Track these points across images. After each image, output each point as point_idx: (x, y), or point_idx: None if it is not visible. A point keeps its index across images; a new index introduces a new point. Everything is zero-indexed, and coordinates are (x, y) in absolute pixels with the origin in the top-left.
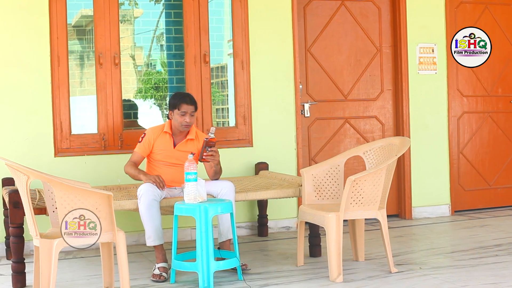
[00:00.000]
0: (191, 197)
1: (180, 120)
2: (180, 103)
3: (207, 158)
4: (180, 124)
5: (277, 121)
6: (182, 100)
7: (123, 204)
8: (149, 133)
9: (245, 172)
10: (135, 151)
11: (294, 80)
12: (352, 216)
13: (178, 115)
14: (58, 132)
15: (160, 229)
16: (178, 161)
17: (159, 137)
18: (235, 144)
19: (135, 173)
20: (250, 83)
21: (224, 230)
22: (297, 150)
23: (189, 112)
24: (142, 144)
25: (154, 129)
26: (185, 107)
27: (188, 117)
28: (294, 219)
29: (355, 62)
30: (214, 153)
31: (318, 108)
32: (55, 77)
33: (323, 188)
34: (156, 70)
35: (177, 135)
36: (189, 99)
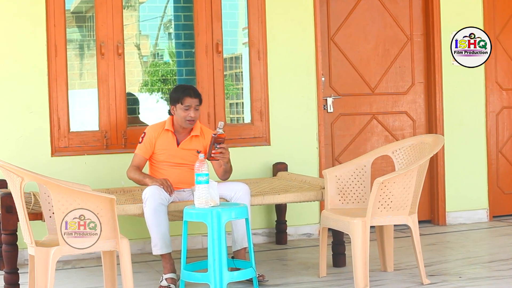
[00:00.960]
0: (202, 201)
1: (184, 115)
2: (183, 97)
3: (216, 156)
4: (183, 120)
5: (297, 117)
6: (185, 93)
7: (127, 208)
8: (150, 132)
9: (262, 174)
10: (136, 154)
11: (315, 72)
12: (380, 222)
13: (181, 110)
14: (56, 129)
15: (167, 236)
16: (183, 160)
17: (161, 135)
18: (251, 143)
19: (139, 178)
20: (267, 75)
21: (239, 237)
22: (319, 149)
23: (193, 106)
24: (143, 144)
25: (155, 127)
26: (189, 100)
27: (192, 112)
28: (315, 225)
29: (383, 52)
30: (224, 150)
31: (342, 103)
32: (52, 68)
33: (348, 191)
34: (163, 61)
35: (180, 132)
36: (193, 92)
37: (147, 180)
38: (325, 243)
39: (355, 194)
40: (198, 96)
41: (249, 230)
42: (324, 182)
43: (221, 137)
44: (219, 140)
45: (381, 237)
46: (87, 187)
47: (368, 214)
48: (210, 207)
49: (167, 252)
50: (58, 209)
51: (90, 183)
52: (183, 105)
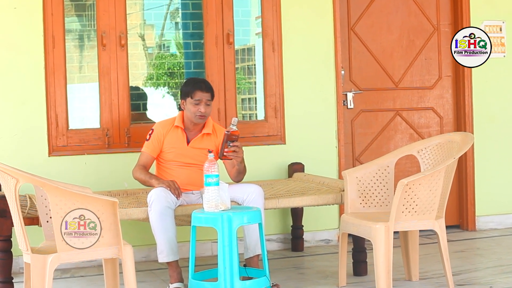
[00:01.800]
0: (212, 204)
1: (194, 110)
2: (193, 90)
3: (229, 155)
4: (194, 115)
5: (314, 113)
6: (196, 86)
7: (130, 212)
8: (158, 128)
9: (277, 175)
10: (143, 152)
11: (334, 64)
12: (404, 227)
13: (191, 105)
14: (53, 127)
15: (174, 243)
16: (193, 160)
17: (170, 132)
18: (265, 141)
19: (145, 179)
20: (282, 68)
21: (252, 243)
22: (339, 148)
23: (204, 101)
24: (151, 142)
25: (163, 123)
26: (200, 94)
27: (203, 107)
28: (335, 230)
29: (407, 43)
30: (237, 148)
31: (364, 98)
32: (50, 61)
33: (370, 194)
34: (170, 52)
35: (191, 130)
36: (205, 85)
37: (153, 181)
38: (345, 250)
39: (377, 197)
40: (210, 90)
41: (263, 236)
42: (344, 184)
43: (234, 134)
44: (232, 137)
45: (405, 244)
46: (87, 189)
47: (392, 218)
48: (220, 211)
49: (174, 260)
50: (56, 213)
51: (90, 185)
52: (193, 99)
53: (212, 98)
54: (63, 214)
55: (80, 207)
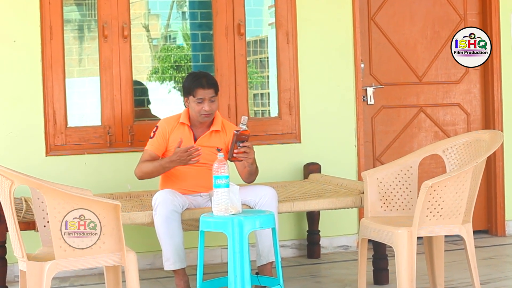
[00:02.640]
0: (222, 208)
1: (198, 109)
2: (194, 88)
3: (239, 156)
4: (198, 114)
5: (332, 110)
6: (197, 83)
7: (134, 216)
8: (163, 125)
9: (291, 176)
10: (146, 150)
11: (353, 57)
12: (428, 232)
13: (194, 103)
14: (51, 124)
15: (181, 249)
16: (201, 159)
17: (175, 129)
18: (278, 140)
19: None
20: (298, 62)
21: (264, 250)
22: (358, 148)
23: (208, 98)
24: (155, 139)
25: (169, 120)
26: (202, 92)
27: (206, 105)
28: (354, 236)
29: (432, 34)
30: (248, 149)
31: (385, 94)
32: (47, 53)
33: (392, 196)
34: (176, 44)
35: (198, 127)
36: (206, 81)
37: (163, 161)
38: (364, 257)
39: (399, 199)
40: (213, 85)
41: (276, 241)
42: (364, 186)
43: (244, 134)
44: (242, 137)
45: (430, 250)
46: (87, 192)
47: (415, 223)
48: (230, 215)
49: (181, 268)
50: (53, 217)
51: (91, 187)
52: (196, 98)
53: (216, 93)
54: (62, 218)
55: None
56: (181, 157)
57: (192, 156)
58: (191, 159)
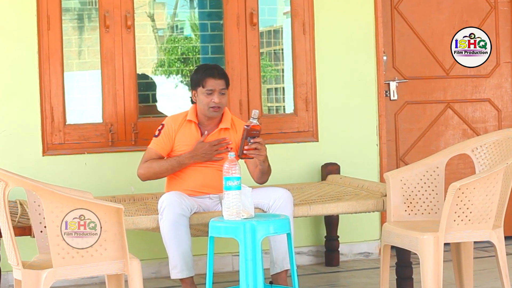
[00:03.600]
0: (233, 212)
1: (207, 101)
2: (204, 78)
3: (250, 153)
4: (206, 107)
5: (352, 106)
6: (207, 73)
7: (138, 221)
8: (169, 123)
9: (308, 177)
10: (149, 148)
11: (375, 49)
12: (456, 238)
13: (203, 95)
14: (48, 122)
15: (189, 256)
16: None
17: (182, 127)
18: (294, 138)
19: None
20: (315, 53)
21: (279, 257)
22: (380, 147)
23: (218, 90)
24: (160, 138)
25: (175, 118)
26: (212, 82)
27: (216, 96)
28: (375, 242)
29: (460, 24)
30: (259, 145)
31: (409, 88)
32: (44, 45)
33: (416, 199)
34: (183, 35)
35: (206, 125)
36: (217, 72)
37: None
38: (387, 264)
39: (425, 203)
40: (224, 77)
41: (292, 248)
42: (386, 188)
43: (255, 129)
44: (253, 133)
45: (457, 257)
46: (87, 194)
47: (442, 228)
48: (242, 219)
49: (189, 276)
50: (51, 221)
51: (91, 189)
52: (205, 89)
53: (227, 86)
54: (60, 222)
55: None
56: (206, 152)
57: (219, 152)
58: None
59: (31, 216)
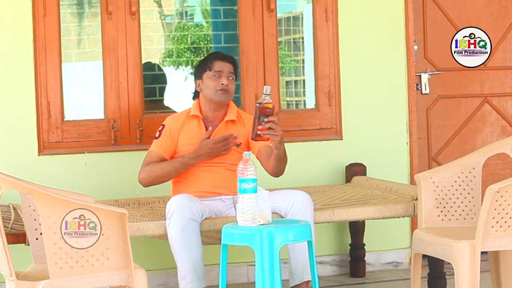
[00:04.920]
0: (248, 217)
1: (214, 85)
2: (211, 61)
3: (264, 134)
4: (214, 91)
5: (379, 100)
6: (214, 55)
7: (143, 227)
8: (170, 123)
9: (331, 179)
10: (150, 151)
11: (405, 37)
12: (494, 246)
13: (210, 79)
14: (44, 118)
15: (200, 266)
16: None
17: (185, 125)
18: (316, 136)
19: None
20: (338, 43)
21: (299, 267)
22: (410, 145)
23: (226, 73)
24: (162, 140)
25: (176, 117)
26: (220, 64)
27: (225, 79)
28: (405, 250)
29: (499, 10)
30: (274, 124)
31: (443, 81)
32: (40, 33)
33: (450, 203)
34: (194, 22)
35: (211, 119)
36: (224, 55)
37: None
38: (418, 275)
39: (460, 207)
40: (232, 61)
41: (313, 257)
42: (417, 191)
43: (268, 107)
44: (266, 111)
45: (496, 267)
46: (88, 198)
47: (478, 235)
48: (258, 225)
49: None
50: (47, 228)
51: (92, 192)
52: (212, 71)
53: (235, 72)
54: (57, 229)
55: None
56: (212, 149)
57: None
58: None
59: (26, 222)
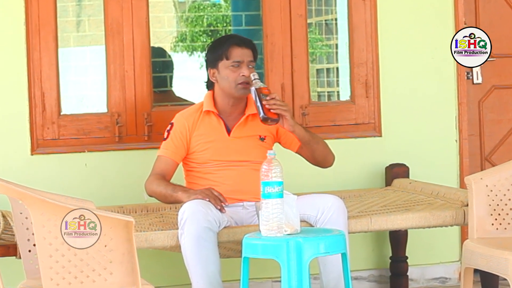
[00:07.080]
0: (273, 226)
1: (234, 77)
2: (228, 48)
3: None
4: (234, 84)
5: (424, 92)
6: (231, 41)
7: (152, 237)
8: (181, 121)
9: (369, 182)
10: (160, 156)
11: (454, 19)
12: None
13: (227, 70)
14: (38, 111)
15: (218, 281)
16: (240, 155)
17: (199, 122)
18: (351, 133)
19: (166, 192)
20: (377, 25)
21: (331, 283)
22: (460, 143)
23: (246, 62)
24: (171, 141)
25: (187, 113)
26: (238, 52)
27: (245, 69)
28: (454, 264)
29: None
30: (275, 100)
31: (498, 69)
32: (33, 14)
33: (506, 210)
34: (210, 1)
35: (229, 114)
36: (242, 40)
37: (179, 193)
38: None
39: None
40: (252, 46)
41: (348, 272)
42: (468, 196)
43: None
44: (264, 91)
45: None
46: (88, 204)
47: None
48: (285, 235)
49: None
50: (42, 238)
51: (93, 196)
52: (230, 61)
53: (255, 58)
54: (53, 239)
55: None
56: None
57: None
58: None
59: (17, 231)
